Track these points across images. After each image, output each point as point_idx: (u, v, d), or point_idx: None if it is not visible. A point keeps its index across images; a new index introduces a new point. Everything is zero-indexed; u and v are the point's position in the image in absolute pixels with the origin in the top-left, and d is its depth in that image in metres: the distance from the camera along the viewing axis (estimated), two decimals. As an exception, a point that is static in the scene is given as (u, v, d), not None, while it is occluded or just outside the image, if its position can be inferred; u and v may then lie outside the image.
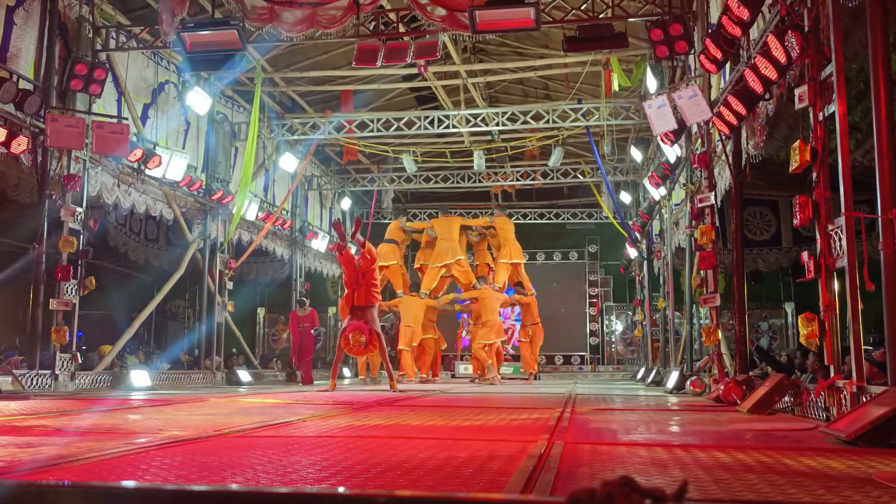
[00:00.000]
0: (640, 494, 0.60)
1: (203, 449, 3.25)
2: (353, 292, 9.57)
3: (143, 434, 3.84)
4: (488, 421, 5.14)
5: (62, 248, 9.40)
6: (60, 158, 9.53)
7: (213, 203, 12.97)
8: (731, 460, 2.99)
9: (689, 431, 4.43)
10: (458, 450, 3.28)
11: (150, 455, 3.01)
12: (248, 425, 4.26)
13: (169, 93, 12.10)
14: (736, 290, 8.03)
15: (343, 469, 2.65)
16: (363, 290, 9.54)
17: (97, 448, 3.13)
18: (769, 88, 6.37)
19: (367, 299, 9.57)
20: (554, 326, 20.22)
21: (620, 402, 7.52)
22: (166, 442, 3.41)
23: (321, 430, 4.25)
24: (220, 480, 2.37)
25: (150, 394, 8.79)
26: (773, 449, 3.44)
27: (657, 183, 12.61)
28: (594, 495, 0.59)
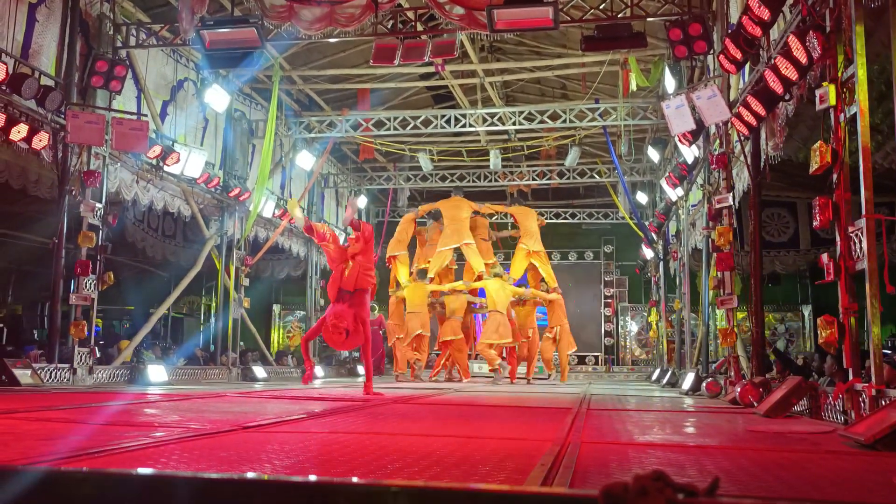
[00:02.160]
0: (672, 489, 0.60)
1: (221, 443, 3.27)
2: (341, 273, 7.95)
3: (162, 428, 3.88)
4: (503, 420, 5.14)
5: (81, 243, 9.49)
6: (80, 154, 9.62)
7: (230, 200, 13.05)
8: (747, 462, 2.98)
9: (706, 433, 4.41)
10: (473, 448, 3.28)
11: (169, 448, 3.04)
12: (264, 420, 4.28)
13: (188, 90, 12.18)
14: (753, 292, 7.99)
15: (360, 465, 2.67)
16: (354, 271, 7.88)
17: (116, 441, 3.16)
18: (789, 89, 6.33)
19: (358, 282, 7.87)
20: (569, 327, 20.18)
21: (636, 403, 7.50)
22: (185, 436, 3.44)
23: (337, 427, 4.27)
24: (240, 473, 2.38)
25: (166, 389, 8.86)
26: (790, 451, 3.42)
27: (674, 183, 12.55)
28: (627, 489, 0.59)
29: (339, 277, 7.89)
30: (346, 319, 7.50)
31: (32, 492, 0.94)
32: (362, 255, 7.99)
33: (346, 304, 7.71)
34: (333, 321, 7.50)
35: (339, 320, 7.49)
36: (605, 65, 12.66)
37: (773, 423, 5.12)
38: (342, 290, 7.84)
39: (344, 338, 7.55)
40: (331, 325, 7.53)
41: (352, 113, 14.71)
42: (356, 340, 7.71)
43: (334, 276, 8.02)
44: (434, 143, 17.18)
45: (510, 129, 14.90)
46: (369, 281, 8.03)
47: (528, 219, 14.60)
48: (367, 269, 8.04)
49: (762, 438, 4.06)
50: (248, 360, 14.43)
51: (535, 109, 14.16)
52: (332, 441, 3.47)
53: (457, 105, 14.89)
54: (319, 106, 15.31)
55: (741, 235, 10.26)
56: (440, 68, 12.63)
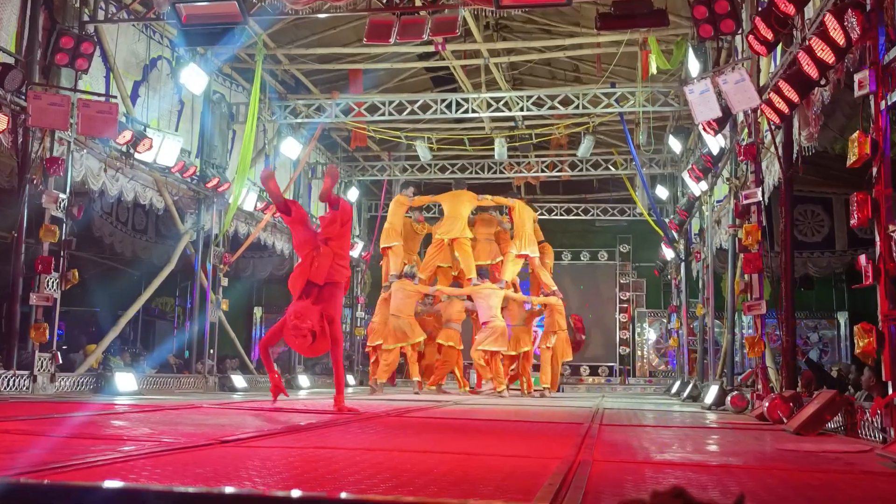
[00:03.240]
0: (691, 505, 0.61)
1: (196, 459, 3.28)
2: (310, 261, 7.17)
3: (131, 441, 3.89)
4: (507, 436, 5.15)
5: (43, 237, 9.47)
6: (43, 139, 9.60)
7: (207, 191, 13.05)
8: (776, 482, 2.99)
9: (730, 451, 4.42)
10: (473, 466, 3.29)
11: (140, 464, 3.04)
12: (244, 434, 4.29)
13: (162, 69, 12.18)
14: (783, 297, 7.99)
15: (348, 484, 2.68)
16: (325, 260, 7.12)
17: (81, 455, 3.17)
18: (825, 73, 6.33)
19: (330, 273, 7.14)
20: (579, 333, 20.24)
21: (653, 418, 7.51)
22: (156, 450, 3.44)
23: (325, 442, 4.28)
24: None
25: (136, 399, 8.87)
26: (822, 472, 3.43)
27: (698, 177, 12.55)
28: (642, 505, 0.60)
29: (308, 267, 7.11)
30: (310, 318, 6.69)
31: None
32: (336, 240, 7.27)
33: (312, 299, 7.00)
34: (295, 321, 6.70)
35: (301, 320, 6.68)
36: (623, 45, 12.65)
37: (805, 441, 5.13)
38: (310, 283, 7.08)
39: (309, 341, 6.73)
40: (292, 326, 6.71)
41: (342, 96, 14.71)
42: (324, 344, 6.90)
43: (301, 264, 7.24)
44: (433, 130, 17.17)
45: (517, 115, 14.89)
46: (343, 272, 7.31)
47: (524, 216, 14.50)
48: (342, 257, 7.33)
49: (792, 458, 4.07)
50: (227, 369, 14.44)
51: (544, 94, 14.15)
52: (317, 457, 3.47)
53: (458, 88, 14.89)
54: (307, 88, 15.30)
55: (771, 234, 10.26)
56: (440, 48, 12.63)
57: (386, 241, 14.65)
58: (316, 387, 15.77)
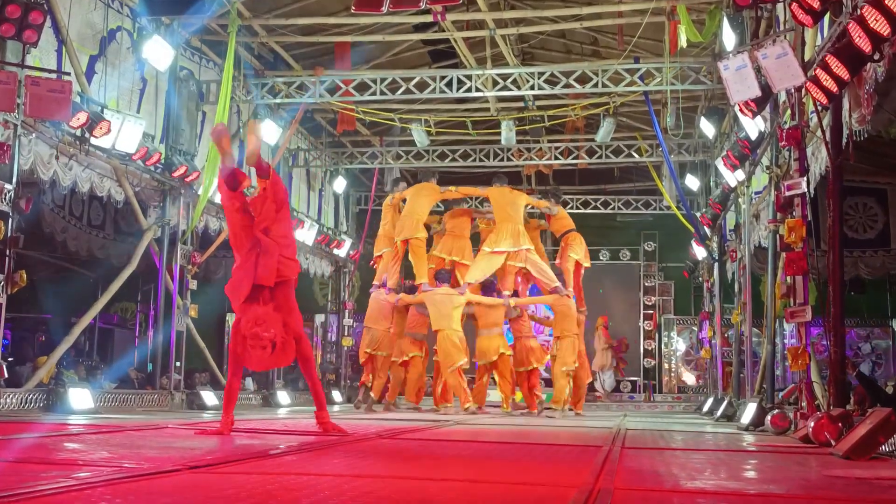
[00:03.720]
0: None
1: (162, 487, 3.29)
2: (253, 260, 6.59)
3: (87, 467, 3.89)
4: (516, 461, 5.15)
5: (-14, 234, 9.49)
6: (-15, 123, 9.62)
7: (173, 181, 13.05)
8: (824, 515, 2.99)
9: (770, 478, 4.42)
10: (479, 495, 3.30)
11: (97, 492, 3.05)
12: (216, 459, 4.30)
13: (121, 42, 12.17)
14: (831, 302, 7.99)
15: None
16: (270, 254, 6.58)
17: (30, 483, 3.17)
18: (879, 47, 6.33)
19: (280, 271, 6.63)
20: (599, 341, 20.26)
21: (682, 440, 7.52)
22: (116, 477, 3.45)
23: (307, 467, 4.29)
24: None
25: (92, 418, 8.87)
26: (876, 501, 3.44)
27: (733, 165, 12.56)
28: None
29: (252, 267, 6.53)
30: (274, 326, 6.20)
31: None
32: (277, 228, 6.74)
33: (269, 304, 6.47)
34: (255, 328, 6.16)
35: (263, 327, 6.17)
36: (648, 15, 12.65)
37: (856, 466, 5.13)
38: (256, 288, 6.50)
39: (269, 352, 6.20)
40: (249, 335, 6.18)
41: (327, 73, 14.71)
42: (286, 354, 6.40)
43: (242, 265, 6.65)
44: (431, 111, 17.18)
45: (527, 94, 14.89)
46: (293, 267, 6.85)
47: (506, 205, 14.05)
48: (287, 247, 6.83)
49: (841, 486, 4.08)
50: (196, 384, 14.45)
51: (558, 70, 14.15)
52: (300, 485, 3.48)
53: (460, 64, 14.89)
54: (287, 64, 15.30)
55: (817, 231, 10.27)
56: (440, 18, 12.63)
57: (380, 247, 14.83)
58: (298, 404, 15.77)
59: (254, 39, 14.42)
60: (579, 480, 3.69)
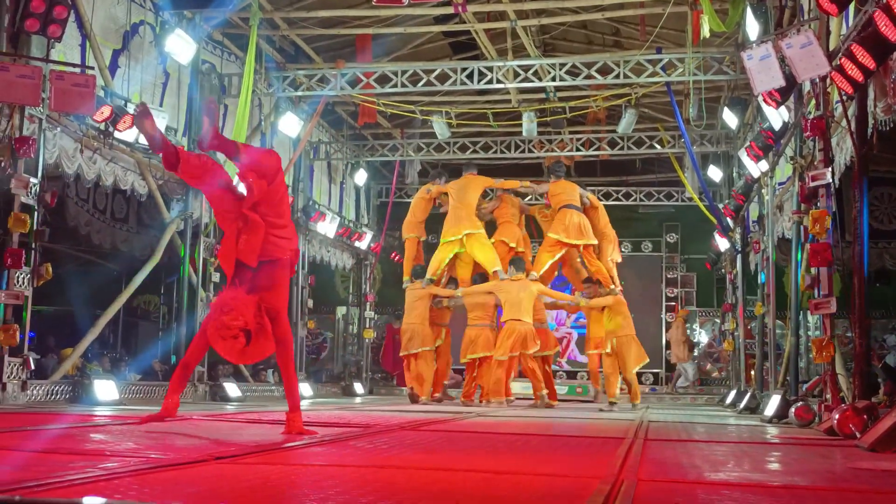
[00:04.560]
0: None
1: (188, 477, 3.32)
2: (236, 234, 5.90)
3: (114, 457, 3.93)
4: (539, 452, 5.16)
5: (13, 227, 9.57)
6: (11, 117, 9.68)
7: (196, 174, 13.12)
8: (849, 507, 2.98)
9: (795, 470, 4.41)
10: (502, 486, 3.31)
11: (125, 482, 3.08)
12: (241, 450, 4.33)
13: (144, 37, 12.25)
14: (856, 294, 7.94)
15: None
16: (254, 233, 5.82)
17: (58, 473, 3.20)
18: (906, 36, 6.27)
19: (266, 250, 5.85)
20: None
21: (705, 432, 7.50)
22: (143, 467, 3.48)
23: (331, 459, 4.32)
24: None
25: (118, 409, 8.95)
26: (903, 494, 3.42)
27: (757, 156, 12.47)
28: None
29: (235, 243, 5.86)
30: (242, 313, 5.35)
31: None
32: (267, 203, 5.91)
33: (246, 286, 5.66)
34: (221, 317, 5.36)
35: (230, 315, 5.33)
36: (671, 5, 12.59)
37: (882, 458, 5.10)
38: (239, 266, 5.82)
39: (241, 344, 5.38)
40: (217, 324, 5.38)
41: (348, 66, 14.72)
42: (262, 346, 5.57)
43: (227, 239, 5.97)
44: (452, 103, 17.17)
45: (548, 86, 14.85)
46: (283, 246, 5.97)
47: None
48: (278, 225, 5.96)
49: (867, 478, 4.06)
50: (219, 376, 14.54)
51: (579, 61, 14.10)
52: (325, 476, 3.50)
53: (481, 56, 14.87)
54: (308, 57, 15.34)
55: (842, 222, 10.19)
56: (461, 9, 12.62)
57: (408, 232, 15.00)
58: (320, 396, 15.84)
59: (275, 32, 14.46)
60: (602, 472, 3.70)
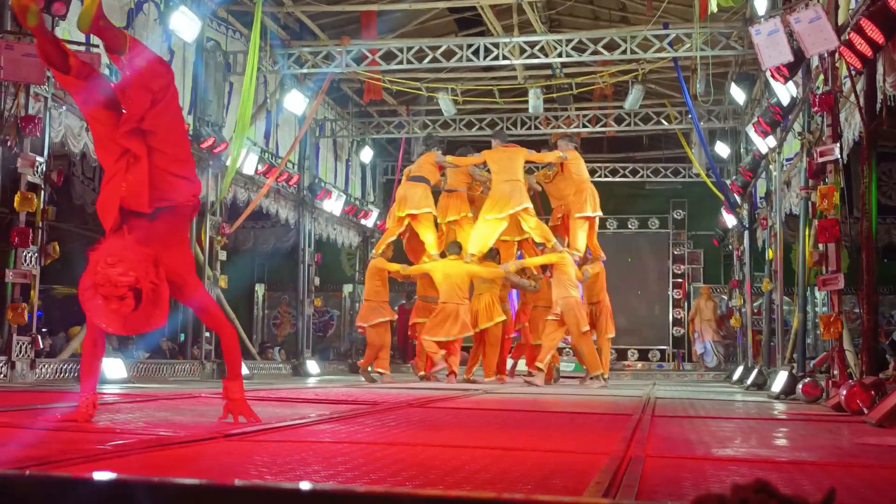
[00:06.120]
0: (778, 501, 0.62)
1: (198, 453, 3.35)
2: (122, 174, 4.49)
3: (124, 435, 3.97)
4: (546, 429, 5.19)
5: (19, 206, 9.59)
6: (17, 95, 9.69)
7: (201, 152, 13.11)
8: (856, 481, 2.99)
9: (802, 445, 4.42)
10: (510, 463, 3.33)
11: (135, 459, 3.11)
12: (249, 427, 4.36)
13: (148, 14, 12.21)
14: (864, 270, 7.94)
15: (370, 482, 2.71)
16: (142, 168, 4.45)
17: (69, 450, 3.23)
18: (916, 9, 6.23)
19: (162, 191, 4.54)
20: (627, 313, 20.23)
21: (712, 408, 7.52)
22: (153, 445, 3.51)
23: (340, 436, 4.34)
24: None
25: (126, 388, 9.01)
26: (910, 469, 3.43)
27: (764, 131, 12.43)
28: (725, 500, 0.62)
29: (119, 182, 4.47)
30: (134, 267, 4.09)
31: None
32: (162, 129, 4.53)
33: (140, 238, 4.35)
34: (106, 270, 4.05)
35: (119, 269, 4.05)
36: (678, -21, 12.53)
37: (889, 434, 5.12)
38: (124, 212, 4.48)
39: (130, 307, 4.13)
40: (102, 279, 4.06)
41: (353, 42, 14.68)
42: (151, 314, 4.26)
43: (110, 177, 4.53)
44: (458, 80, 17.12)
45: (555, 62, 14.79)
46: (180, 189, 4.64)
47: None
48: (176, 158, 4.64)
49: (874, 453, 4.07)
50: (226, 353, 14.60)
51: (586, 37, 14.03)
52: (334, 452, 3.53)
53: (487, 32, 14.80)
54: (313, 34, 15.29)
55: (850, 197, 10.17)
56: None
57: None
58: (327, 373, 15.92)
59: (280, 9, 14.41)
60: (610, 448, 3.71)
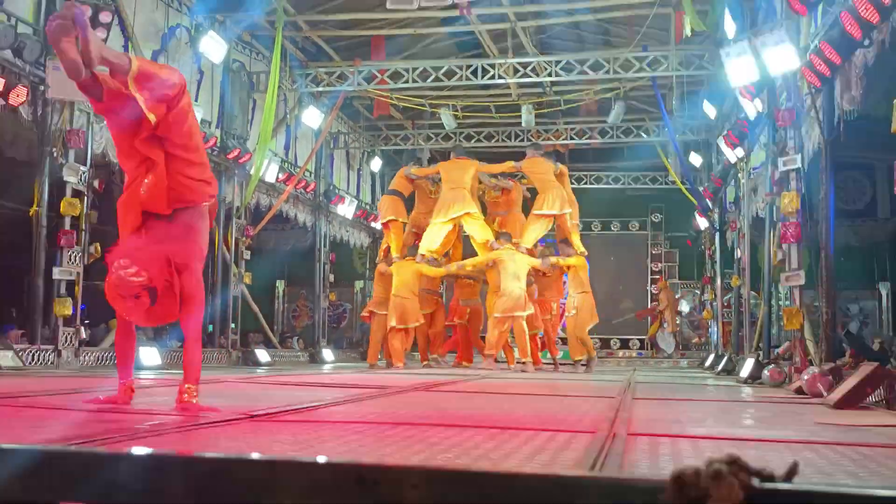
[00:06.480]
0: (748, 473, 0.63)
1: (227, 432, 3.35)
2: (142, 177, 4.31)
3: (160, 416, 3.97)
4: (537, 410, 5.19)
5: (65, 211, 9.62)
6: (62, 111, 9.71)
7: (228, 162, 13.13)
8: (816, 457, 3.00)
9: (768, 425, 4.43)
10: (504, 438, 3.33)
11: (170, 438, 3.12)
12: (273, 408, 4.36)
13: (180, 38, 12.22)
14: (823, 268, 7.94)
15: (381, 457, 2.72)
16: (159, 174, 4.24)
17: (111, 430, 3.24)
18: (869, 34, 6.23)
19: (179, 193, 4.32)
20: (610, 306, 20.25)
21: (687, 392, 7.52)
22: (186, 424, 3.51)
23: (353, 416, 4.35)
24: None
25: (160, 373, 9.02)
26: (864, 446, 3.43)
27: (733, 143, 12.45)
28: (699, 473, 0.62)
29: (139, 186, 4.31)
30: (146, 268, 3.98)
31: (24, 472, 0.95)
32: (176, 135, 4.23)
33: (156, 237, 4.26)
34: (119, 272, 3.94)
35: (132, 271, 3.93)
36: (655, 6, 12.50)
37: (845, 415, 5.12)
38: (147, 216, 4.36)
39: (145, 304, 3.99)
40: (115, 279, 3.94)
41: (365, 63, 14.68)
42: (172, 307, 4.14)
43: (131, 182, 4.37)
44: (458, 97, 17.12)
45: (545, 81, 14.79)
46: (199, 190, 4.41)
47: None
48: (192, 163, 4.35)
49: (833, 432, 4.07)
50: (250, 343, 14.62)
51: (573, 59, 14.04)
52: (349, 430, 3.53)
53: (484, 54, 14.80)
54: (328, 55, 15.29)
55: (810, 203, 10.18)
56: (466, 12, 12.55)
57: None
58: (340, 361, 15.92)
59: (298, 34, 14.42)
60: (596, 427, 3.71)
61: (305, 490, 0.82)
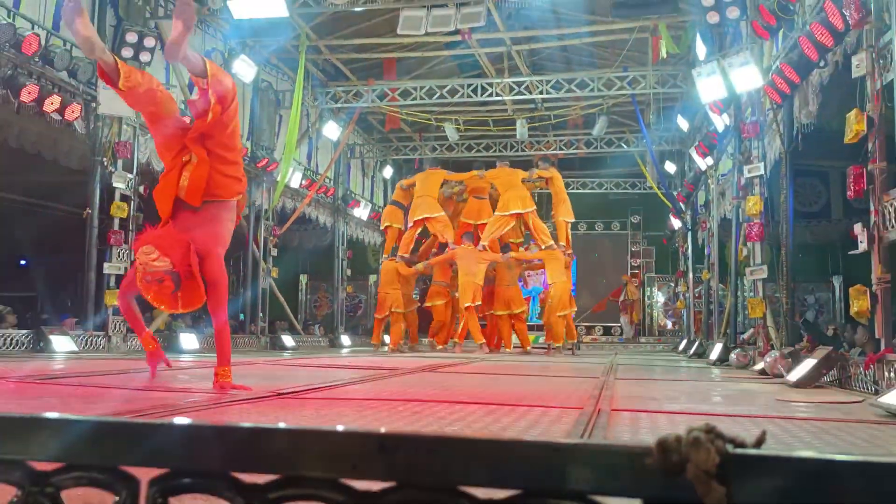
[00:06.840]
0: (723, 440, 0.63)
1: (258, 408, 3.36)
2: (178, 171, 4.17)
3: (198, 393, 3.98)
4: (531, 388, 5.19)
5: (114, 213, 9.66)
6: (112, 125, 9.74)
7: (257, 170, 13.14)
8: (778, 430, 3.00)
9: (735, 402, 4.42)
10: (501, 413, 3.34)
11: (206, 413, 3.12)
12: (298, 387, 4.38)
13: (215, 60, 12.19)
14: (785, 263, 7.93)
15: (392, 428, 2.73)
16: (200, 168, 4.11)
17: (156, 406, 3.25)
18: (825, 56, 6.22)
19: (211, 188, 4.18)
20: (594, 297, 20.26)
21: (663, 373, 7.52)
22: (221, 401, 3.52)
23: (368, 393, 4.36)
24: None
25: (198, 356, 9.04)
26: (820, 420, 3.43)
27: (704, 153, 12.43)
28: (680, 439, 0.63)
29: (176, 179, 4.13)
30: (169, 254, 3.85)
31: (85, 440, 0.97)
32: (218, 136, 4.13)
33: (182, 226, 4.09)
34: (143, 259, 3.82)
35: (155, 257, 3.81)
36: (635, 32, 12.48)
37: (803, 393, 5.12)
38: (181, 204, 4.17)
39: (169, 290, 3.91)
40: (140, 266, 3.84)
41: (378, 83, 14.68)
42: (194, 292, 4.02)
43: (166, 175, 4.21)
44: (460, 112, 17.11)
45: (537, 98, 14.78)
46: (230, 186, 4.27)
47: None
48: (227, 161, 4.22)
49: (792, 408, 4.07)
50: (277, 330, 14.63)
51: (562, 78, 14.03)
52: (365, 406, 3.54)
53: (483, 74, 14.79)
54: (346, 76, 15.29)
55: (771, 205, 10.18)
56: (467, 37, 12.55)
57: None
58: (356, 346, 15.93)
59: (319, 56, 14.41)
60: (583, 404, 3.72)
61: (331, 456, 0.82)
